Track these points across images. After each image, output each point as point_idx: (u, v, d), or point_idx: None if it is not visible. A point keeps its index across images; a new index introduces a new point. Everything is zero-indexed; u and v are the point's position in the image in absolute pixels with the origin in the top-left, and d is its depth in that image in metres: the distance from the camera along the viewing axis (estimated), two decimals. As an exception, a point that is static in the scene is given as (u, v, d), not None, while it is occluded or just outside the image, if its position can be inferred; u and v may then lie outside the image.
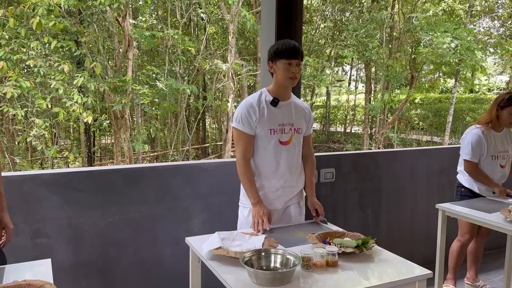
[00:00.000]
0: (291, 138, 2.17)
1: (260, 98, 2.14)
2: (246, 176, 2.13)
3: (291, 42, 2.08)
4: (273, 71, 2.11)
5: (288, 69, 2.05)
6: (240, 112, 2.12)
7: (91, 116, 8.00)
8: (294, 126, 2.18)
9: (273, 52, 2.08)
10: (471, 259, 3.12)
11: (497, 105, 2.86)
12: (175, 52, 10.63)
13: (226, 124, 11.66)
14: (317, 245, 1.73)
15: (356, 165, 3.32)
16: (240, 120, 2.11)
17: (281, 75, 2.07)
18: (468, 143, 2.88)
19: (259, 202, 2.08)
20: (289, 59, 2.04)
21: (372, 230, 3.42)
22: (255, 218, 2.05)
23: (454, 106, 14.00)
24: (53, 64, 7.75)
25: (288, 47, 2.05)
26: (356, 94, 20.33)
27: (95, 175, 2.49)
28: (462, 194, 2.96)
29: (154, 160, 13.27)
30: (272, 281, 1.46)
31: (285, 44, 2.06)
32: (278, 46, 2.08)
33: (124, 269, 2.58)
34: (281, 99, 2.15)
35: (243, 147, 2.12)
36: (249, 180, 2.12)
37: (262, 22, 2.88)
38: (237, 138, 2.14)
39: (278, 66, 2.07)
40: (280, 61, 2.05)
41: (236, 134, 2.15)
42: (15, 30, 6.91)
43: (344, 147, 16.55)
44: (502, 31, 15.65)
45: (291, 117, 2.18)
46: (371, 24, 11.88)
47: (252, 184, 2.12)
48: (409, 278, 1.57)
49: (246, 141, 2.12)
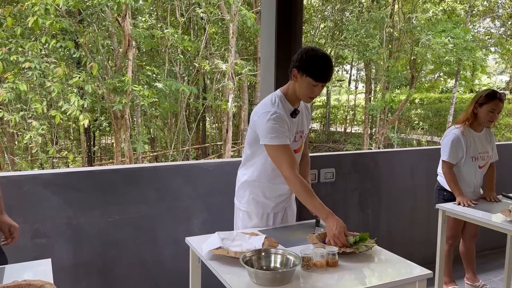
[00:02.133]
0: (301, 145, 2.14)
1: (285, 109, 1.98)
2: (304, 190, 1.88)
3: (328, 64, 1.89)
4: (295, 80, 1.94)
5: (311, 89, 1.91)
6: (274, 126, 1.90)
7: (87, 120, 7.89)
8: (303, 132, 2.14)
9: (305, 67, 1.88)
10: (465, 261, 3.12)
11: (475, 102, 2.75)
12: (175, 52, 10.63)
13: (226, 124, 11.66)
14: (317, 245, 1.73)
15: (356, 165, 3.32)
16: (276, 135, 1.90)
17: (302, 91, 1.94)
18: (447, 143, 2.78)
19: (331, 214, 1.82)
20: (317, 81, 1.89)
21: (372, 230, 3.42)
22: (334, 238, 1.75)
23: (455, 106, 14.01)
24: (50, 65, 7.72)
25: (321, 68, 1.87)
26: (356, 94, 20.33)
27: (95, 175, 2.49)
28: (445, 198, 2.87)
29: (154, 160, 13.27)
30: (272, 281, 1.46)
31: (319, 63, 1.87)
32: (313, 64, 1.88)
33: (124, 269, 2.58)
34: (297, 105, 2.05)
35: (287, 160, 1.90)
36: (309, 192, 1.88)
37: (262, 22, 2.88)
38: (278, 153, 1.91)
39: (303, 80, 1.90)
40: (308, 78, 1.88)
41: (274, 150, 1.92)
42: (12, 30, 6.89)
43: (344, 147, 16.55)
44: (502, 30, 15.65)
45: (302, 124, 2.11)
46: (371, 24, 11.88)
47: (313, 195, 1.88)
48: (409, 278, 1.57)
49: (288, 152, 1.91)
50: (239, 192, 2.18)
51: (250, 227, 2.11)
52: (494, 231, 2.52)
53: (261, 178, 2.09)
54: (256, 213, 2.12)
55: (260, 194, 2.11)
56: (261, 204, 2.12)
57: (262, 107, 1.99)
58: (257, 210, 2.12)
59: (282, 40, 2.70)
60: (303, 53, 1.91)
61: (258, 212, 2.12)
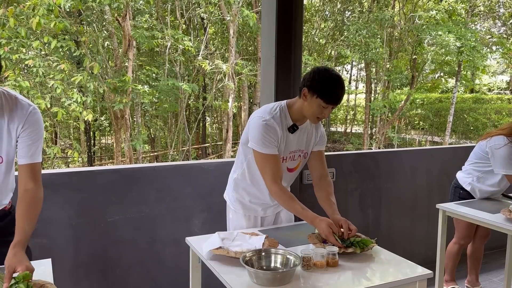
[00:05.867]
0: (299, 164, 2.10)
1: (282, 121, 1.93)
2: (286, 198, 1.88)
3: (341, 87, 1.83)
4: (305, 100, 1.87)
5: (321, 111, 1.85)
6: (263, 134, 1.88)
7: (91, 114, 7.97)
8: (304, 151, 2.07)
9: (317, 87, 1.82)
10: (471, 262, 3.07)
11: None
12: (175, 52, 10.63)
13: (226, 124, 11.66)
14: (317, 245, 1.73)
15: (357, 165, 3.32)
16: (263, 143, 1.88)
17: (310, 111, 1.88)
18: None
19: (316, 217, 1.81)
20: (328, 104, 1.83)
21: (372, 230, 3.42)
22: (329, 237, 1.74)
23: (455, 106, 14.00)
24: (52, 64, 7.75)
25: (336, 94, 1.82)
26: (357, 94, 20.33)
27: (95, 175, 2.49)
28: (461, 197, 2.87)
29: (154, 160, 13.26)
30: (272, 281, 1.46)
31: (335, 88, 1.82)
32: (326, 85, 1.82)
33: (124, 269, 2.58)
34: (300, 122, 1.99)
35: (271, 171, 1.89)
36: (291, 199, 1.88)
37: (262, 22, 2.88)
38: (263, 162, 1.91)
39: (313, 101, 1.84)
40: (319, 100, 1.82)
41: (259, 157, 1.91)
42: (15, 30, 6.91)
43: (344, 147, 16.54)
44: (503, 30, 15.65)
45: (303, 143, 2.04)
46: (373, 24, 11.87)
47: (295, 202, 1.87)
48: (410, 278, 1.57)
49: (273, 162, 1.90)
50: (229, 190, 2.18)
51: (240, 227, 2.11)
52: (494, 231, 2.52)
53: (247, 179, 2.08)
54: (243, 214, 2.13)
55: (245, 196, 2.10)
56: (247, 206, 2.12)
57: (261, 112, 1.97)
58: (244, 211, 2.12)
59: (282, 40, 2.70)
60: (315, 73, 1.85)
61: (245, 214, 2.12)
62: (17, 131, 1.53)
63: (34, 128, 1.56)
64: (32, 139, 1.55)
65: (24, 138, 1.54)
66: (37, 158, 1.58)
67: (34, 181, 1.56)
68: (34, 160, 1.57)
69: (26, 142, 1.55)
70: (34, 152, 1.57)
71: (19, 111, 1.52)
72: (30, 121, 1.54)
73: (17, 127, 1.53)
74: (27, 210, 1.55)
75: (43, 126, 1.62)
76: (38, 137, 1.57)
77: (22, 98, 1.56)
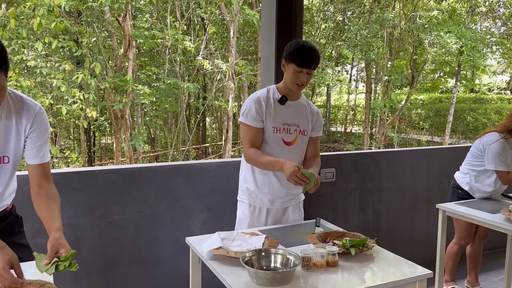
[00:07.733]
0: (296, 139, 2.13)
1: (268, 94, 2.10)
2: (257, 154, 2.04)
3: (307, 48, 1.98)
4: (284, 70, 2.06)
5: (297, 76, 1.99)
6: (248, 106, 2.06)
7: (94, 112, 8.01)
8: (300, 127, 2.14)
9: (288, 54, 2.01)
10: (471, 262, 3.07)
11: None
12: (175, 52, 10.63)
13: (226, 124, 11.66)
14: (317, 245, 1.73)
15: (357, 165, 3.32)
16: (248, 114, 2.05)
17: (289, 79, 2.03)
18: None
19: (286, 161, 1.93)
20: (300, 67, 1.97)
21: (372, 230, 3.42)
22: (292, 178, 1.87)
23: (455, 106, 14.00)
24: (54, 64, 7.76)
25: (302, 54, 1.96)
26: (357, 94, 20.33)
27: (95, 175, 2.49)
28: (459, 197, 2.88)
29: (154, 160, 13.26)
30: (272, 281, 1.46)
31: (301, 50, 1.97)
32: (294, 49, 1.99)
33: (124, 269, 2.58)
34: (290, 98, 2.11)
35: (250, 139, 2.06)
36: (262, 154, 2.03)
37: (262, 22, 2.88)
38: (245, 132, 2.08)
39: (289, 68, 2.01)
40: (292, 65, 1.98)
41: (243, 128, 2.09)
42: (16, 31, 6.92)
43: (344, 147, 16.54)
44: (503, 30, 15.65)
45: (298, 117, 2.13)
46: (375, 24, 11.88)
47: (266, 155, 2.03)
48: (410, 278, 1.57)
49: (254, 134, 2.06)
50: (241, 181, 2.23)
51: (244, 218, 2.15)
52: (494, 231, 2.52)
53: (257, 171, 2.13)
54: (248, 204, 2.16)
55: (253, 183, 2.14)
56: (254, 195, 2.14)
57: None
58: (250, 200, 2.16)
59: (282, 40, 2.69)
60: (289, 44, 2.03)
61: (250, 204, 2.16)
62: (26, 131, 1.53)
63: (43, 128, 1.56)
64: (41, 139, 1.56)
65: (34, 139, 1.55)
66: (47, 157, 1.60)
67: (47, 180, 1.60)
68: (45, 160, 1.59)
69: (35, 142, 1.55)
70: (45, 152, 1.58)
71: (26, 111, 1.52)
72: (38, 121, 1.54)
73: (25, 127, 1.52)
74: (51, 200, 1.60)
75: (49, 124, 1.63)
76: (46, 137, 1.59)
77: (28, 98, 1.56)
